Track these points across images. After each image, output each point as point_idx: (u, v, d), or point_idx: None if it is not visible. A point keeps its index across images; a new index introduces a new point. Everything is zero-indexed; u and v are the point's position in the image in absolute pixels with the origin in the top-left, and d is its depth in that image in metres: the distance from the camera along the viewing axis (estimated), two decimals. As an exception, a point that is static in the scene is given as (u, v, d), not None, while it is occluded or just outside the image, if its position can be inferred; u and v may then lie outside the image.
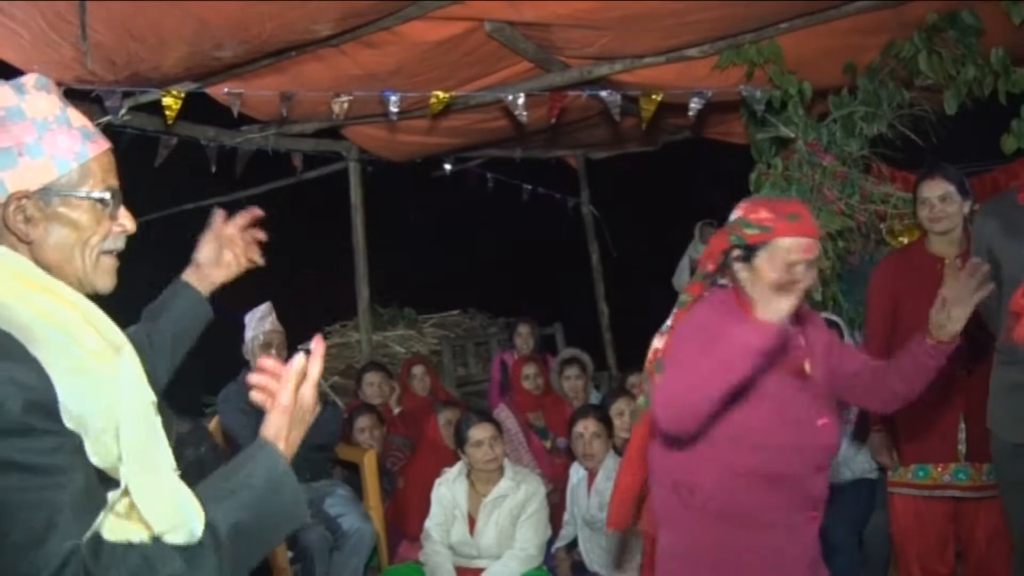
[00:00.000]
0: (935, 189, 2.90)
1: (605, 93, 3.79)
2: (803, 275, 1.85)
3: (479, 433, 3.35)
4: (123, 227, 1.27)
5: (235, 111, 3.66)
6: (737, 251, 1.93)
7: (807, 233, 1.87)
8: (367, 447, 4.04)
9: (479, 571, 3.31)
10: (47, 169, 1.18)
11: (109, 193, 1.23)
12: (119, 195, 1.26)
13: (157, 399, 1.18)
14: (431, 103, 3.70)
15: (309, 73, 3.53)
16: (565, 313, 6.78)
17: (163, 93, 3.42)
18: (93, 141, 1.23)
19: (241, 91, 3.55)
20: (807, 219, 1.88)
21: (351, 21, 3.07)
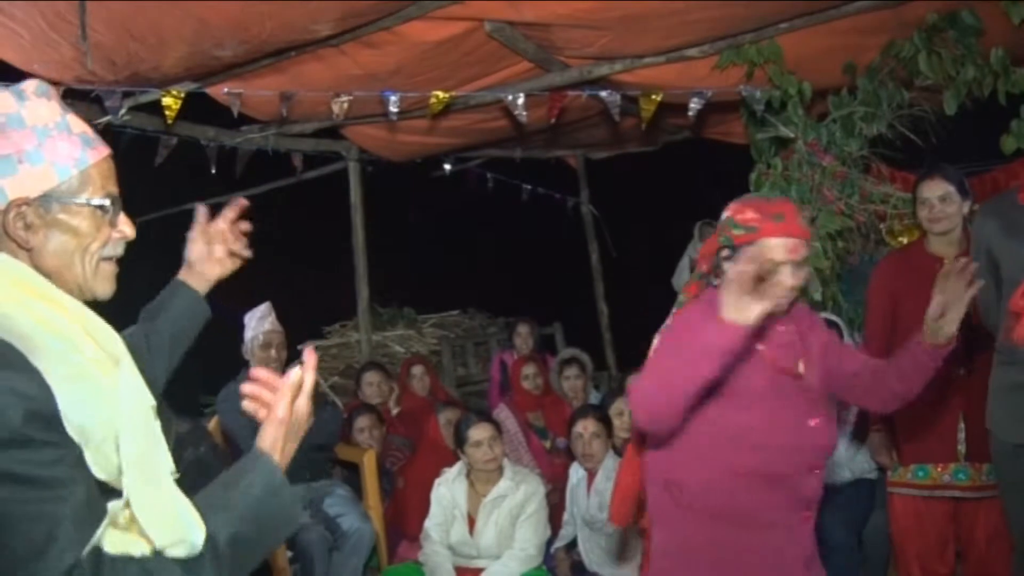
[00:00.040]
0: (935, 189, 2.90)
1: (605, 93, 3.79)
2: (790, 276, 1.84)
3: (478, 433, 3.35)
4: (123, 233, 1.27)
5: (235, 111, 3.66)
6: (726, 251, 1.92)
7: (793, 233, 1.85)
8: (367, 447, 4.04)
9: (479, 571, 3.31)
10: (47, 176, 1.17)
11: (109, 200, 1.23)
12: (119, 201, 1.26)
13: (156, 401, 1.18)
14: (431, 103, 3.70)
15: (309, 73, 3.53)
16: (565, 313, 6.78)
17: (163, 93, 3.42)
18: (93, 148, 1.23)
19: (241, 91, 3.55)
20: (794, 219, 1.86)
21: (351, 21, 3.07)
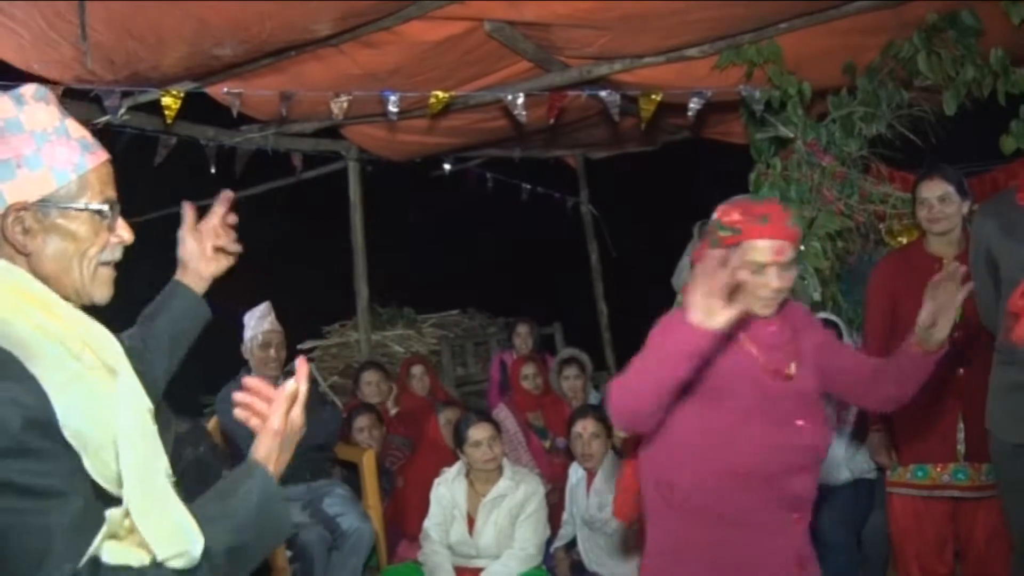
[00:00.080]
0: (934, 189, 2.90)
1: (604, 93, 3.79)
2: (776, 278, 1.84)
3: (478, 433, 3.35)
4: (121, 238, 1.27)
5: (234, 111, 3.66)
6: (717, 252, 1.93)
7: (778, 235, 1.84)
8: (366, 447, 4.04)
9: (478, 571, 3.31)
10: (45, 181, 1.17)
11: (107, 205, 1.23)
12: (117, 206, 1.26)
13: (156, 403, 1.18)
14: (430, 103, 3.70)
15: (309, 73, 3.53)
16: (564, 313, 6.77)
17: (162, 93, 3.41)
18: (92, 152, 1.23)
19: (240, 91, 3.55)
20: (779, 221, 1.85)
21: (351, 21, 3.07)
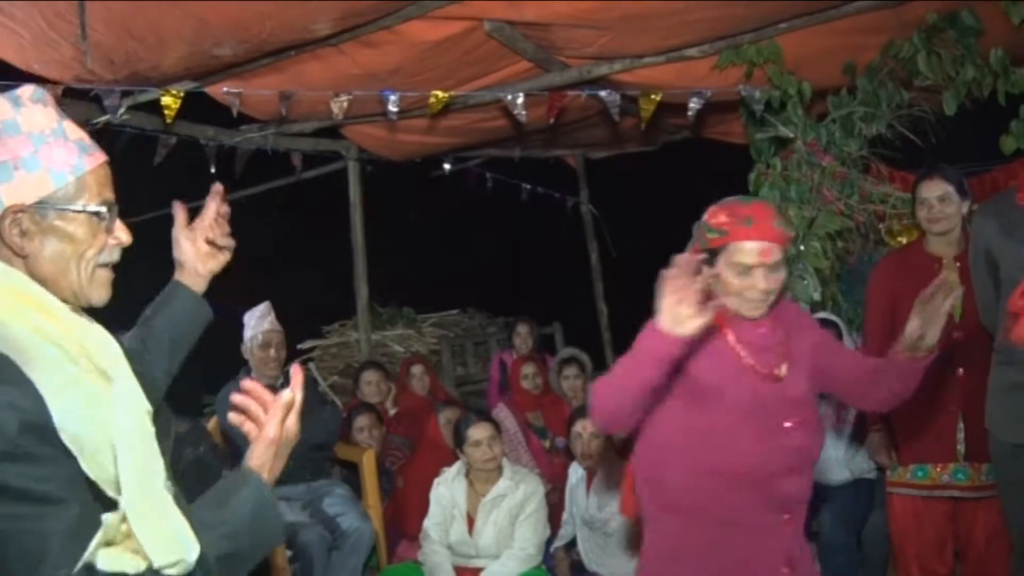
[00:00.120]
0: (934, 190, 2.90)
1: (604, 93, 3.79)
2: (762, 280, 1.85)
3: (478, 433, 3.35)
4: (118, 240, 1.27)
5: (234, 110, 3.65)
6: (703, 255, 1.93)
7: (763, 237, 1.84)
8: (366, 446, 4.04)
9: (478, 571, 3.31)
10: (43, 182, 1.17)
11: (105, 206, 1.23)
12: (115, 208, 1.25)
13: (156, 404, 1.18)
14: (430, 103, 3.70)
15: (308, 72, 3.53)
16: (564, 313, 6.77)
17: (162, 92, 3.41)
18: (89, 154, 1.23)
19: (240, 90, 3.54)
20: (764, 223, 1.85)
21: (350, 20, 3.07)
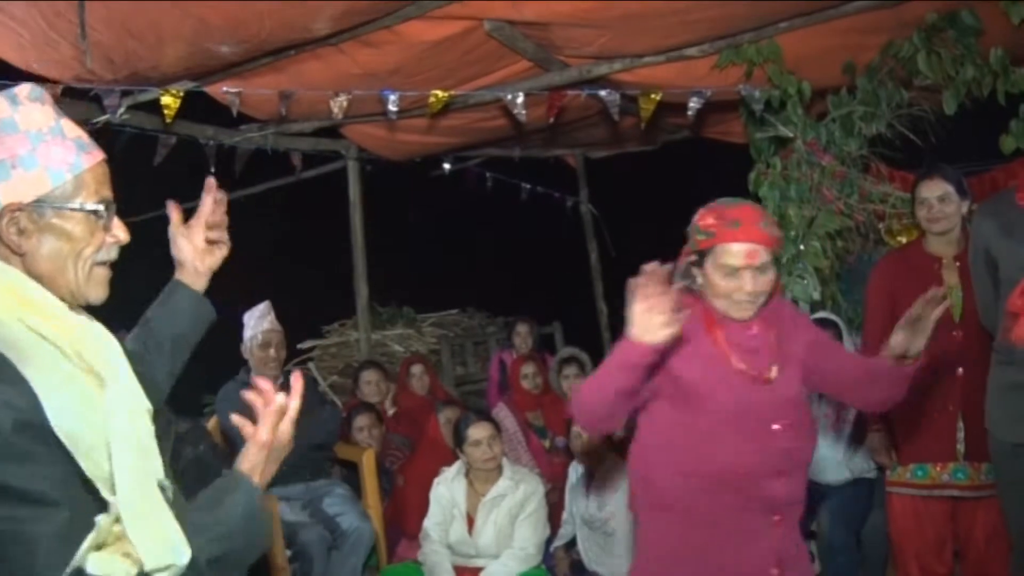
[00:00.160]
0: (933, 189, 2.90)
1: (604, 92, 3.79)
2: (749, 282, 1.85)
3: (477, 432, 3.35)
4: (116, 238, 1.27)
5: (234, 110, 3.65)
6: (693, 256, 1.94)
7: (750, 239, 1.84)
8: (366, 446, 4.04)
9: (478, 570, 3.31)
10: (41, 181, 1.17)
11: (103, 205, 1.23)
12: (113, 206, 1.25)
13: (157, 404, 1.18)
14: (430, 102, 3.70)
15: (308, 72, 3.53)
16: (564, 312, 6.77)
17: (162, 92, 3.41)
18: (87, 152, 1.23)
19: (240, 90, 3.54)
20: (751, 225, 1.85)
21: (350, 20, 3.07)
